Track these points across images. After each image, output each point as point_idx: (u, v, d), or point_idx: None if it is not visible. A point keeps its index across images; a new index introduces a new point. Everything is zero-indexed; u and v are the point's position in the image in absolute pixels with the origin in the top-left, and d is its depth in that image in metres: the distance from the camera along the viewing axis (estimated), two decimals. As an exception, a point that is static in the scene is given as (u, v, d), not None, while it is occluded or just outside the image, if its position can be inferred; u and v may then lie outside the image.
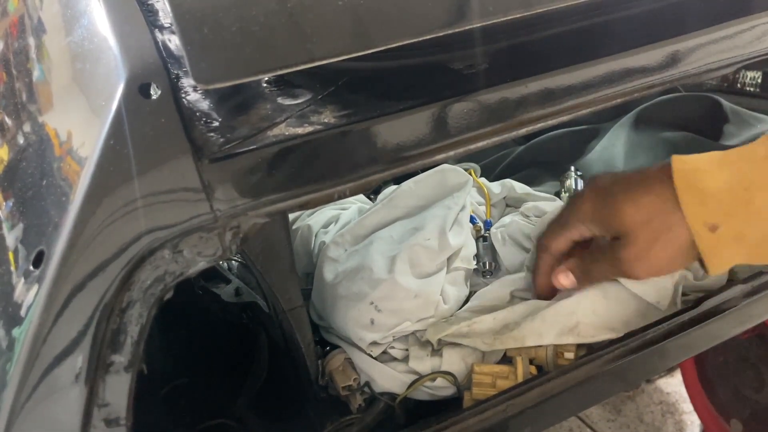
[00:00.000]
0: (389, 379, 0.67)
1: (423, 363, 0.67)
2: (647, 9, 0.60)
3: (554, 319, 0.66)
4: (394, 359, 0.69)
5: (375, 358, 0.69)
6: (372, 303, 0.68)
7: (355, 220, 0.79)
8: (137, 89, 0.44)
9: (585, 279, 0.64)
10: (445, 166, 0.81)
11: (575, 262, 0.65)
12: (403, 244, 0.72)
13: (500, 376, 0.66)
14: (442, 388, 0.68)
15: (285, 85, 0.50)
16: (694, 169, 0.56)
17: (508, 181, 0.87)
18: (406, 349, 0.70)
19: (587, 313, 0.66)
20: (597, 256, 0.63)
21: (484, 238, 0.79)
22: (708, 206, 0.55)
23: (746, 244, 0.56)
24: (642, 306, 0.69)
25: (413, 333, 0.70)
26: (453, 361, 0.67)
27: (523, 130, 0.51)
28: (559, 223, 0.64)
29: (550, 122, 0.52)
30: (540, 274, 0.67)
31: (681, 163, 0.57)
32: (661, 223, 0.57)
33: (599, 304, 0.67)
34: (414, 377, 0.67)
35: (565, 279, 0.65)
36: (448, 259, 0.74)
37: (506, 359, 0.69)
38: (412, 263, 0.71)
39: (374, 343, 0.69)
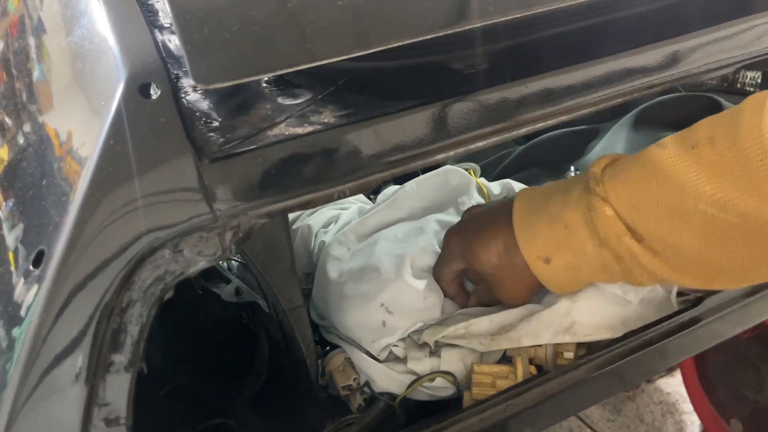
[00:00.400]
0: (389, 380, 0.67)
1: (422, 364, 0.67)
2: (647, 9, 0.60)
3: (550, 320, 0.66)
4: (396, 358, 0.69)
5: (377, 356, 0.69)
6: (382, 305, 0.68)
7: (358, 219, 0.79)
8: (137, 89, 0.44)
9: (488, 302, 0.71)
10: (448, 167, 0.81)
11: (475, 294, 0.71)
12: (408, 244, 0.72)
13: (500, 376, 0.66)
14: (441, 388, 0.68)
15: (285, 85, 0.50)
16: (531, 207, 0.63)
17: (508, 182, 0.87)
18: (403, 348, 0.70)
19: (583, 313, 0.66)
20: (481, 287, 0.70)
21: None
22: (538, 242, 0.62)
23: (581, 273, 0.62)
24: (641, 305, 0.69)
25: (409, 336, 0.69)
26: (452, 362, 0.67)
27: (523, 130, 0.51)
28: (441, 258, 0.71)
29: (550, 122, 0.52)
30: (449, 297, 0.72)
31: (521, 201, 0.64)
32: (508, 264, 0.65)
33: (596, 304, 0.67)
34: (413, 377, 0.67)
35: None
36: None
37: (506, 359, 0.69)
38: (419, 265, 0.71)
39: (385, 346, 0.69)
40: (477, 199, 0.82)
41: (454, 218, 0.77)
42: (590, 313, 0.66)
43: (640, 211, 0.55)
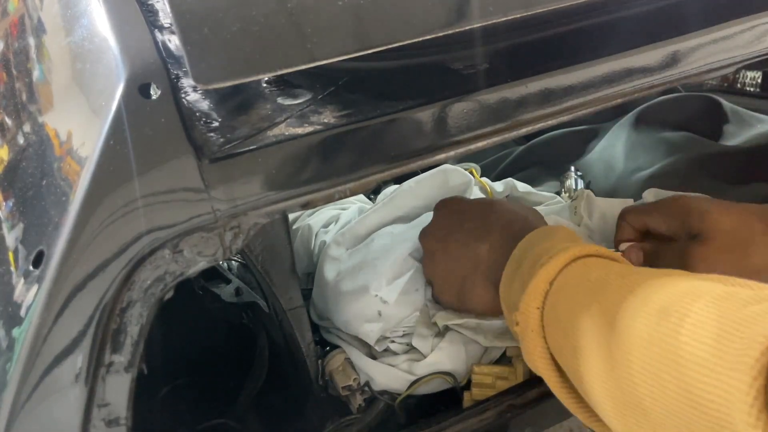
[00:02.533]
0: (388, 377, 0.67)
1: (425, 342, 0.67)
2: (647, 9, 0.60)
3: None
4: (395, 354, 0.69)
5: (376, 349, 0.69)
6: (377, 295, 0.68)
7: (356, 220, 0.79)
8: (137, 89, 0.44)
9: (651, 259, 0.65)
10: (447, 166, 0.81)
11: (650, 244, 0.66)
12: (405, 239, 0.73)
13: (500, 377, 0.66)
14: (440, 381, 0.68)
15: (285, 85, 0.50)
16: None
17: (510, 181, 0.87)
18: (408, 344, 0.69)
19: None
20: (670, 245, 0.64)
21: None
22: None
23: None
24: None
25: (421, 312, 0.70)
26: (453, 348, 0.67)
27: (523, 131, 0.51)
28: (645, 205, 0.68)
29: (550, 122, 0.52)
30: (617, 238, 0.68)
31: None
32: (745, 235, 0.58)
33: None
34: (413, 374, 0.67)
35: (634, 254, 0.65)
36: None
37: (506, 359, 0.69)
38: (416, 255, 0.72)
39: (381, 338, 0.69)
40: (477, 194, 0.82)
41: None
42: None
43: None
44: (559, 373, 0.52)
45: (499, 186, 0.86)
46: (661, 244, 0.66)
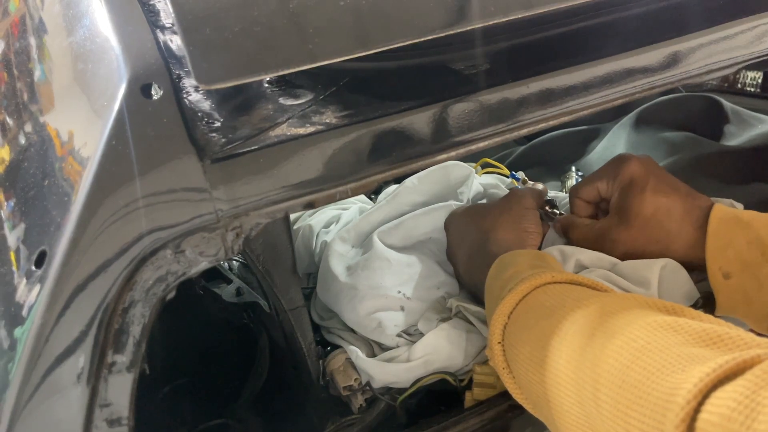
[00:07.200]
0: (389, 373, 0.67)
1: (430, 324, 0.69)
2: (647, 9, 0.60)
3: None
4: (395, 348, 0.70)
5: (392, 341, 0.69)
6: (399, 291, 0.69)
7: (361, 217, 0.79)
8: (139, 89, 0.44)
9: (570, 230, 0.70)
10: (449, 161, 0.82)
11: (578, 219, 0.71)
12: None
13: (501, 377, 0.66)
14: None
15: (286, 85, 0.50)
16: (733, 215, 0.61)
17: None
18: (414, 342, 0.70)
19: None
20: (594, 223, 0.69)
21: None
22: (726, 255, 0.60)
23: (754, 310, 0.60)
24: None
25: (443, 296, 0.72)
26: (454, 332, 0.68)
27: (524, 131, 0.51)
28: (591, 175, 0.70)
29: (551, 123, 0.52)
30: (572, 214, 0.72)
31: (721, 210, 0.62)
32: (665, 224, 0.62)
33: None
34: (411, 360, 0.67)
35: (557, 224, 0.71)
36: None
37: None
38: (431, 248, 0.73)
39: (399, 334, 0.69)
40: (476, 189, 0.82)
41: (454, 207, 0.78)
42: None
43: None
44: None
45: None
46: (586, 221, 0.70)
